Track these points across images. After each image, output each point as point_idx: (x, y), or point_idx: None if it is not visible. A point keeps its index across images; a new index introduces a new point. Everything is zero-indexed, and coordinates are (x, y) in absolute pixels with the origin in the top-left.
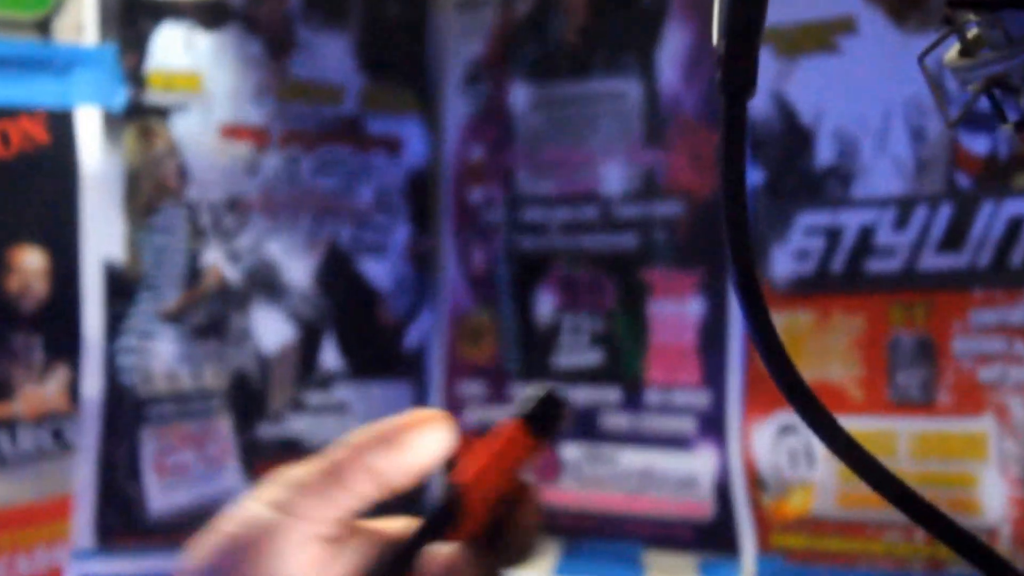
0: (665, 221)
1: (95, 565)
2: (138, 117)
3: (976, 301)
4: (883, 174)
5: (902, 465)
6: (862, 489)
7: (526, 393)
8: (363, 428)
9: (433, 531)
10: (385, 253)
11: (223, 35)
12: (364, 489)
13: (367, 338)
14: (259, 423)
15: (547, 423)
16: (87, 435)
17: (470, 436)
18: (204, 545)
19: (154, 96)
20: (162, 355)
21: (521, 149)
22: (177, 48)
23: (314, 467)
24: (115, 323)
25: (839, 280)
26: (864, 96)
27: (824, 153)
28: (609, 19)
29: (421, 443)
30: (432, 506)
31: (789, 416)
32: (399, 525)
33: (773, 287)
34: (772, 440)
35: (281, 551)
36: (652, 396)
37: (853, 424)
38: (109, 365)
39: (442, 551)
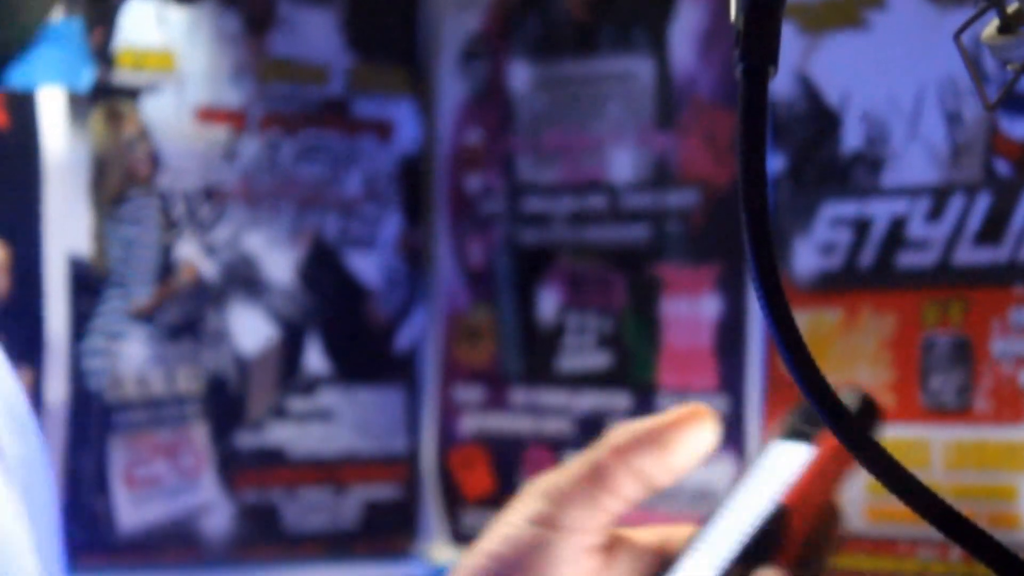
0: (679, 212)
1: None
2: (106, 99)
3: (1017, 298)
4: (915, 161)
5: (936, 477)
6: (893, 503)
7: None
8: (622, 427)
9: (758, 554)
10: (374, 246)
11: (198, 10)
12: (630, 492)
13: (355, 339)
14: (237, 431)
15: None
16: (50, 445)
17: None
18: (467, 569)
19: (123, 76)
20: (132, 357)
21: (522, 133)
22: (148, 23)
23: (574, 473)
24: (81, 322)
25: (867, 276)
26: (895, 76)
27: (851, 138)
28: None
29: (688, 442)
30: (756, 527)
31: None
32: (654, 534)
33: (796, 283)
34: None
35: (554, 570)
36: (664, 402)
37: (883, 432)
38: (74, 368)
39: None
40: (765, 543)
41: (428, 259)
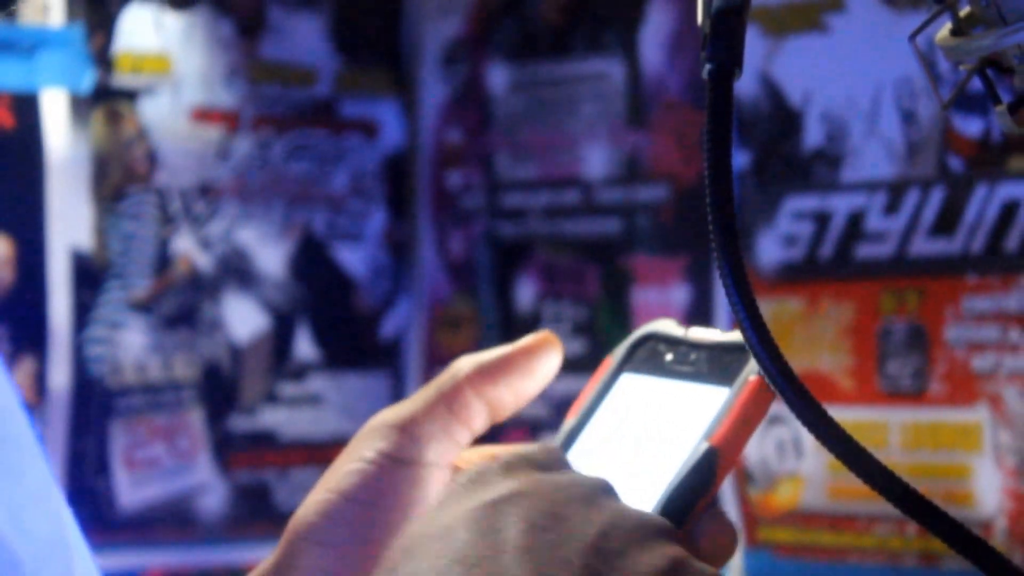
0: (649, 206)
1: None
2: (106, 100)
3: (969, 287)
4: (873, 157)
5: (893, 457)
6: (852, 481)
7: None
8: (468, 358)
9: (692, 496)
10: (361, 240)
11: (193, 15)
12: (480, 423)
13: (342, 328)
14: (231, 415)
15: None
16: (54, 428)
17: None
18: (316, 506)
19: (122, 78)
20: (131, 345)
21: (500, 132)
22: (146, 29)
23: (426, 405)
24: (82, 312)
25: (828, 266)
26: (853, 77)
27: (812, 135)
28: None
29: (537, 368)
30: (688, 469)
31: (777, 406)
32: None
33: (760, 274)
34: (759, 431)
35: (412, 506)
36: None
37: (843, 414)
38: (76, 356)
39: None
40: (700, 486)
41: (412, 252)
